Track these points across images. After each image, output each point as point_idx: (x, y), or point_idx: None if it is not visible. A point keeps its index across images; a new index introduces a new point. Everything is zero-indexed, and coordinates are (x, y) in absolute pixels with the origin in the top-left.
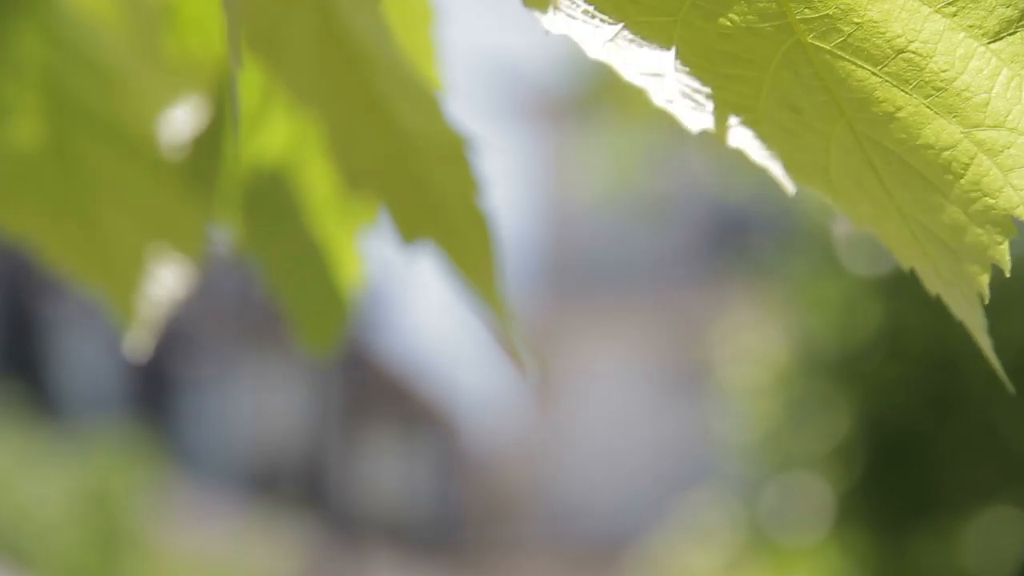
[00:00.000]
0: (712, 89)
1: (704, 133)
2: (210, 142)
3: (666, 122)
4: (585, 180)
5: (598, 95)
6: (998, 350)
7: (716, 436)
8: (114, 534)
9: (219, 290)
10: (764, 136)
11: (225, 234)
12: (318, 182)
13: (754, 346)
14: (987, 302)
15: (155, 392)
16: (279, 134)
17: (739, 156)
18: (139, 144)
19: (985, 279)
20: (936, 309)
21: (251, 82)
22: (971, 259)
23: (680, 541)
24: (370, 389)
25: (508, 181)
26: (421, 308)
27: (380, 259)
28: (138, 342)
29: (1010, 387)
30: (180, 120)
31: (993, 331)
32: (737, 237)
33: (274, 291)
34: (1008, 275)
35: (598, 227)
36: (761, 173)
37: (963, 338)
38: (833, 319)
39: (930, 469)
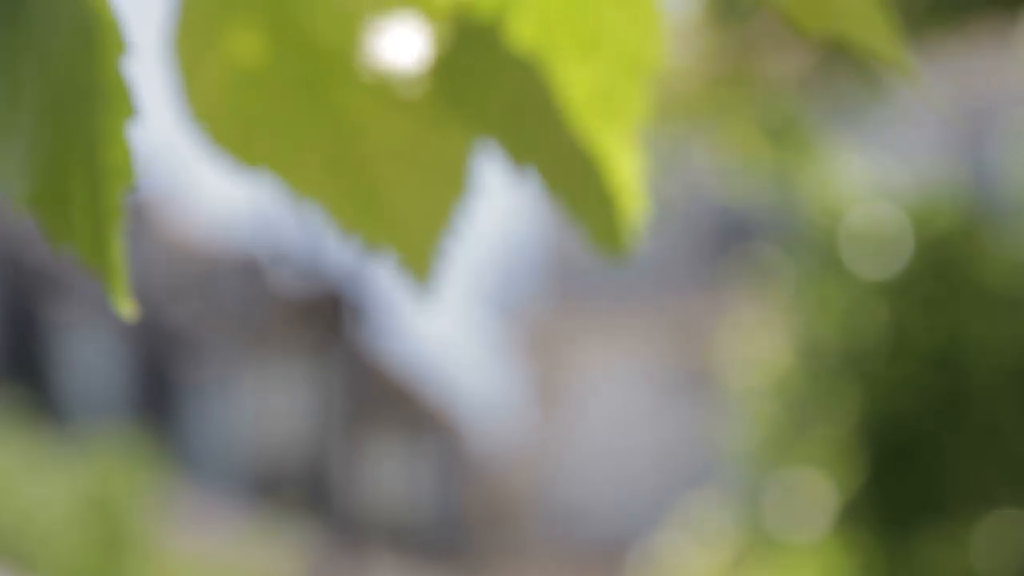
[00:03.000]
0: None
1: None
2: (456, 63)
3: (670, 127)
4: None
5: None
6: (1003, 351)
7: (719, 438)
8: (117, 538)
9: (222, 294)
10: None
11: (486, 152)
12: (576, 81)
13: (757, 348)
14: None
15: (158, 396)
16: (526, 34)
17: (742, 160)
18: (388, 81)
19: None
20: (940, 311)
21: None
22: None
23: (683, 542)
24: (373, 393)
25: (511, 185)
26: (424, 312)
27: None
28: (433, 297)
29: None
30: (422, 49)
31: (999, 332)
32: (740, 240)
33: (552, 198)
34: None
35: None
36: (765, 177)
37: (967, 340)
38: (837, 322)
39: (934, 470)
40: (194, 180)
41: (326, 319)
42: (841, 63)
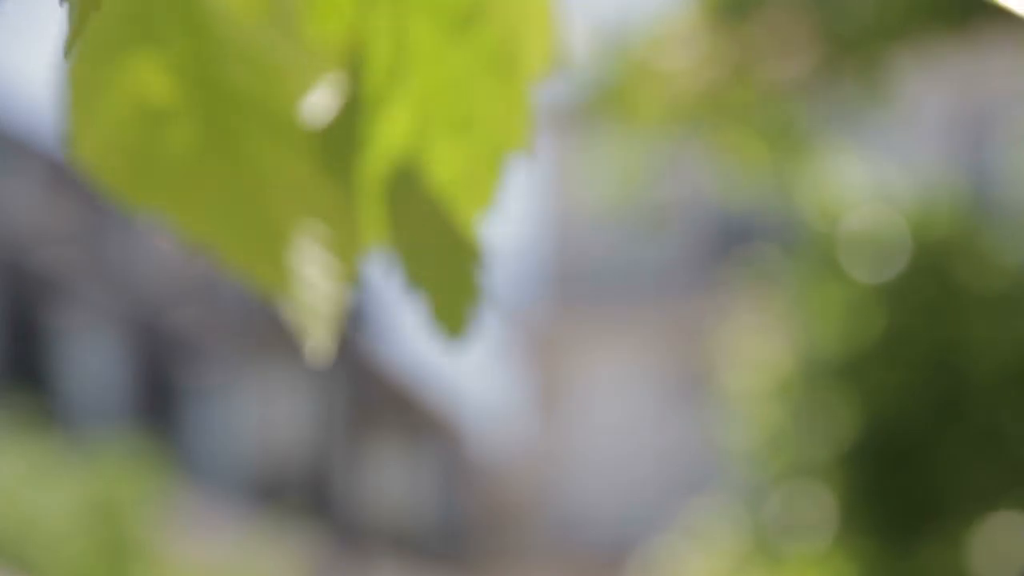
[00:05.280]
0: None
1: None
2: (345, 123)
3: (669, 131)
4: (588, 189)
5: (601, 105)
6: (1002, 355)
7: (720, 443)
8: (120, 543)
9: (224, 300)
10: None
11: (364, 219)
12: (446, 160)
13: (758, 353)
14: None
15: (161, 402)
16: (404, 116)
17: (742, 164)
18: (292, 126)
19: None
20: (939, 315)
21: (376, 62)
22: None
23: (685, 548)
24: (374, 398)
25: (512, 191)
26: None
27: (383, 266)
28: (318, 341)
29: None
30: (320, 102)
31: (998, 336)
32: (740, 245)
33: (409, 276)
34: None
35: (602, 236)
36: (765, 180)
37: (966, 344)
38: (836, 326)
39: (934, 474)
40: None
41: None
42: (841, 66)
